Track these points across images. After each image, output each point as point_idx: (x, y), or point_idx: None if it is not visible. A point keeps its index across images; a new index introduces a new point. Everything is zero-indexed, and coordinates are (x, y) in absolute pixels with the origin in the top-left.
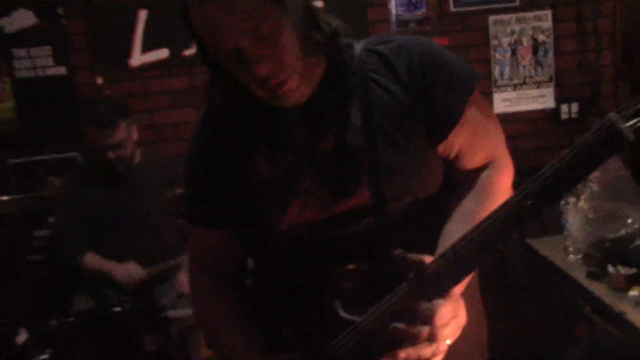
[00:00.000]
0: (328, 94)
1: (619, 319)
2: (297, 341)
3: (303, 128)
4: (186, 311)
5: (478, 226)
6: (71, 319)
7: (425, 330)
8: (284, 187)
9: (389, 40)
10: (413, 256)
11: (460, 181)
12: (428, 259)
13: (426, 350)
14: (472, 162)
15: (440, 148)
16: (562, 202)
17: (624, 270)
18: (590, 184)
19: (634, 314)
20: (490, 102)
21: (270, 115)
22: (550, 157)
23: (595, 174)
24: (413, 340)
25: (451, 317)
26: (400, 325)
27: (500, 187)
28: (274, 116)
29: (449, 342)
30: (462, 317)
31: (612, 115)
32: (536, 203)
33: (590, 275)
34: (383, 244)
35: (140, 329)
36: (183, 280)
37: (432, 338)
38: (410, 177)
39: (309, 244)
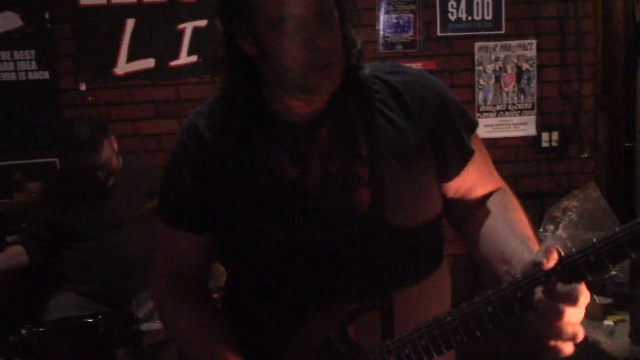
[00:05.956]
0: (336, 113)
1: (594, 348)
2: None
3: (311, 145)
4: (160, 324)
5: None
6: (42, 329)
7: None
8: (279, 203)
9: (398, 72)
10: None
11: (471, 211)
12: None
13: (573, 329)
14: (483, 191)
15: (453, 183)
16: (541, 230)
17: (599, 300)
18: (569, 213)
19: (608, 343)
20: None
21: (277, 126)
22: (529, 184)
23: (574, 203)
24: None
25: (587, 301)
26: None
27: (518, 205)
28: (281, 129)
29: None
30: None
31: None
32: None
33: None
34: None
35: (113, 341)
36: None
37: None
38: (412, 211)
39: (297, 266)
